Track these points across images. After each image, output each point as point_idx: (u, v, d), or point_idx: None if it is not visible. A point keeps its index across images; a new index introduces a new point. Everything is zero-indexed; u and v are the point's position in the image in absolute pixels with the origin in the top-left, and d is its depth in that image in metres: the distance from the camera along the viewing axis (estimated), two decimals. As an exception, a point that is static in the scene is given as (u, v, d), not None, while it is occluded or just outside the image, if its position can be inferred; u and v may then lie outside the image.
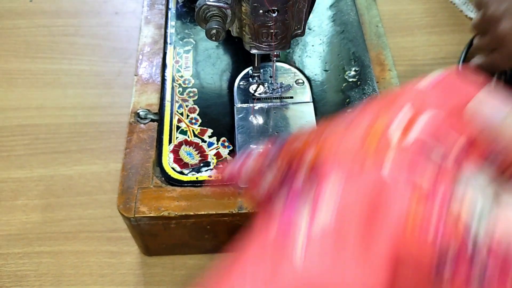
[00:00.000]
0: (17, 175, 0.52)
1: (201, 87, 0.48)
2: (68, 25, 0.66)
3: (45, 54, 0.63)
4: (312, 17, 0.54)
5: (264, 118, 0.46)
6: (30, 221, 0.49)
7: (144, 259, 0.47)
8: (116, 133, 0.55)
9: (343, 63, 0.50)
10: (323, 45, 0.52)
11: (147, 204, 0.40)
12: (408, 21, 0.66)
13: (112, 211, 0.49)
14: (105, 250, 0.47)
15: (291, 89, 0.48)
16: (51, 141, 0.55)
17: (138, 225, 0.40)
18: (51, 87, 0.60)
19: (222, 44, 0.52)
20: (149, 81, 0.48)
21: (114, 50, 0.63)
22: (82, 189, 0.51)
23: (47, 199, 0.50)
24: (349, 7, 0.55)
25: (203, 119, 0.45)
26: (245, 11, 0.37)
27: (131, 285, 0.45)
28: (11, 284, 0.45)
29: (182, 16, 0.54)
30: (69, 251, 0.47)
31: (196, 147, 0.43)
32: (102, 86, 0.60)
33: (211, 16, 0.36)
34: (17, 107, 0.58)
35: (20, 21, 0.67)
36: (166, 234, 0.42)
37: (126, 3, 0.69)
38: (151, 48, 0.50)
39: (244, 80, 0.49)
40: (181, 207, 0.40)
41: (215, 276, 0.22)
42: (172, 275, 0.46)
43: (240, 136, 0.44)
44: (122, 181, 0.41)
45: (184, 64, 0.50)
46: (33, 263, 0.46)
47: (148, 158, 0.42)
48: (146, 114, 0.45)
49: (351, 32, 0.53)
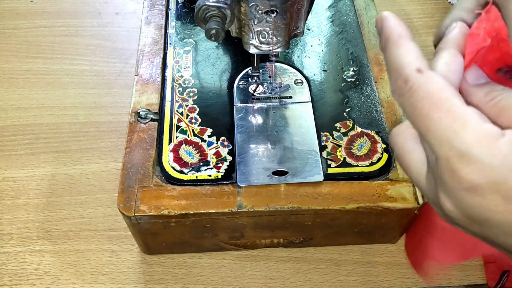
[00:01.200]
0: (18, 174, 0.52)
1: (201, 87, 0.48)
2: (69, 25, 0.67)
3: (46, 54, 0.63)
4: (311, 18, 0.55)
5: (263, 117, 0.46)
6: (31, 220, 0.49)
7: (144, 257, 0.47)
8: (116, 132, 0.56)
9: (341, 63, 0.51)
10: (321, 45, 0.52)
11: (147, 203, 0.40)
12: (406, 22, 0.65)
13: (112, 210, 0.50)
14: (106, 249, 0.48)
15: (290, 89, 0.48)
16: (52, 141, 0.55)
17: (138, 223, 0.41)
18: (52, 87, 0.60)
19: (222, 44, 0.52)
20: (149, 81, 0.48)
21: (115, 50, 0.64)
22: (82, 188, 0.51)
23: (48, 198, 0.51)
24: (347, 8, 0.56)
25: (202, 118, 0.46)
26: (244, 11, 0.37)
27: (132, 283, 0.46)
28: (12, 283, 0.46)
29: (182, 16, 0.55)
30: (70, 250, 0.48)
31: (195, 147, 0.44)
32: (103, 86, 0.60)
33: (211, 16, 0.36)
34: (18, 107, 0.58)
35: (21, 22, 0.67)
36: (166, 233, 0.43)
37: (126, 4, 0.69)
38: (151, 48, 0.51)
39: (243, 80, 0.49)
40: (181, 206, 0.40)
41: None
42: (172, 273, 0.46)
43: (239, 136, 0.44)
44: (123, 180, 0.41)
45: (184, 64, 0.50)
46: (34, 261, 0.47)
47: (148, 158, 0.43)
48: (146, 113, 0.45)
49: (350, 32, 0.53)
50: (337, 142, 0.44)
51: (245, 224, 0.42)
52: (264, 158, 0.43)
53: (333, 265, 0.47)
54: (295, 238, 0.46)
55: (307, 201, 0.40)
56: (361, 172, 0.42)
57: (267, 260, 0.47)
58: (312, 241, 0.46)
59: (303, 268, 0.47)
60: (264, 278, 0.46)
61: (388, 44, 0.24)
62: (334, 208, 0.40)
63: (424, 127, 0.22)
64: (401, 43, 0.24)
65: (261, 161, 0.43)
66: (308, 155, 0.43)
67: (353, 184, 0.42)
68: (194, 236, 0.44)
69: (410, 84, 0.23)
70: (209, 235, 0.44)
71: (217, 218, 0.41)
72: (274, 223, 0.43)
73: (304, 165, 0.42)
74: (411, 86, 0.23)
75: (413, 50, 0.24)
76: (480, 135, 0.21)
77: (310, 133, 0.45)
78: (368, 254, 0.47)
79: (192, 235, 0.43)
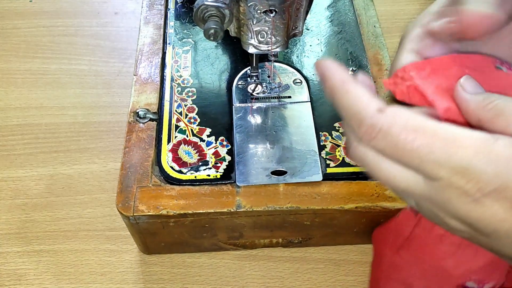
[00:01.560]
0: (17, 174, 0.52)
1: (200, 87, 0.48)
2: (68, 25, 0.66)
3: (45, 54, 0.63)
4: (310, 17, 0.55)
5: (262, 117, 0.46)
6: (30, 219, 0.49)
7: (143, 257, 0.47)
8: (115, 132, 0.55)
9: (340, 63, 0.50)
10: (321, 45, 0.52)
11: (146, 203, 0.40)
12: (406, 21, 0.66)
13: (111, 209, 0.50)
14: (105, 249, 0.48)
15: (289, 88, 0.48)
16: (51, 141, 0.55)
17: (137, 223, 0.41)
18: (51, 87, 0.60)
19: (221, 44, 0.52)
20: (148, 80, 0.48)
21: (114, 50, 0.64)
22: (81, 188, 0.51)
23: (46, 198, 0.51)
24: (346, 8, 0.56)
25: (201, 118, 0.46)
26: (243, 11, 0.37)
27: (130, 283, 0.46)
28: (10, 283, 0.46)
29: (181, 16, 0.55)
30: (68, 250, 0.48)
31: (194, 146, 0.44)
32: (102, 86, 0.60)
33: (209, 16, 0.36)
34: (17, 106, 0.58)
35: (20, 21, 0.67)
36: (165, 233, 0.43)
37: (125, 4, 0.69)
38: (150, 48, 0.51)
39: (242, 79, 0.49)
40: (180, 206, 0.40)
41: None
42: (171, 273, 0.46)
43: (238, 135, 0.44)
44: (121, 180, 0.41)
45: (183, 64, 0.50)
46: (33, 261, 0.47)
47: (147, 157, 0.43)
48: (145, 113, 0.45)
49: (349, 32, 0.53)
50: (336, 142, 0.44)
51: (244, 224, 0.42)
52: (263, 158, 0.43)
53: (332, 265, 0.47)
54: (294, 238, 0.46)
55: (306, 201, 0.40)
56: (360, 172, 0.42)
57: (266, 260, 0.47)
58: (311, 241, 0.46)
59: (302, 268, 0.47)
60: (263, 278, 0.46)
61: (335, 93, 0.24)
62: (333, 208, 0.40)
63: (415, 159, 0.22)
64: (347, 88, 0.23)
65: (260, 161, 0.43)
66: (307, 155, 0.43)
67: (352, 184, 0.42)
68: (193, 236, 0.44)
69: (379, 126, 0.22)
70: (208, 235, 0.44)
71: (216, 218, 0.41)
72: (273, 223, 0.42)
73: (303, 165, 0.42)
74: (381, 128, 0.22)
75: (364, 92, 0.23)
76: (475, 146, 0.21)
77: (309, 133, 0.45)
78: (367, 254, 0.47)
79: (191, 235, 0.43)
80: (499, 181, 0.20)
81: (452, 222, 0.23)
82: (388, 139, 0.22)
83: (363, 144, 0.23)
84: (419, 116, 0.22)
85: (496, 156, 0.20)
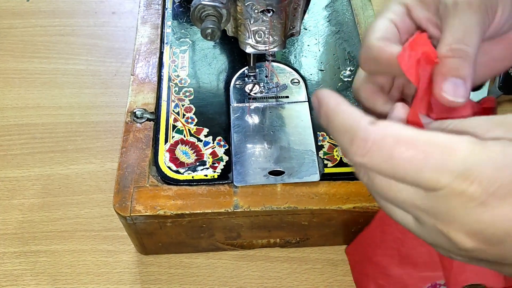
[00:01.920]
0: (13, 174, 0.52)
1: (197, 87, 0.48)
2: (65, 25, 0.66)
3: (42, 54, 0.63)
4: (308, 17, 0.55)
5: (260, 117, 0.46)
6: (27, 220, 0.49)
7: (141, 257, 0.47)
8: (112, 132, 0.55)
9: (338, 62, 0.50)
10: (318, 45, 0.52)
11: (143, 203, 0.40)
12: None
13: (108, 210, 0.50)
14: (102, 249, 0.48)
15: (286, 88, 0.48)
16: (48, 141, 0.55)
17: (134, 224, 0.41)
18: (48, 87, 0.60)
19: (218, 44, 0.52)
20: (145, 80, 0.48)
21: (111, 50, 0.64)
22: (78, 188, 0.51)
23: (43, 198, 0.51)
24: (344, 7, 0.56)
25: (199, 118, 0.45)
26: (241, 10, 0.37)
27: (128, 283, 0.46)
28: (7, 284, 0.45)
29: (178, 16, 0.54)
30: (65, 250, 0.47)
31: (192, 146, 0.43)
32: (99, 86, 0.60)
33: (206, 15, 0.36)
34: (14, 106, 0.58)
35: (17, 21, 0.67)
36: (162, 233, 0.42)
37: (122, 3, 0.69)
38: (148, 48, 0.51)
39: (240, 79, 0.49)
40: (177, 206, 0.40)
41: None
42: (168, 273, 0.46)
43: (236, 135, 0.44)
44: (118, 180, 0.41)
45: (180, 63, 0.50)
46: (30, 262, 0.47)
47: (144, 157, 0.43)
48: (142, 113, 0.45)
49: (347, 32, 0.53)
50: (334, 142, 0.44)
51: (241, 224, 0.42)
52: (261, 158, 0.43)
53: (329, 265, 0.47)
54: (292, 238, 0.46)
55: (304, 201, 0.40)
56: (358, 172, 0.42)
57: (264, 260, 0.47)
58: (308, 241, 0.46)
59: (299, 268, 0.47)
60: (261, 278, 0.46)
61: (329, 115, 0.24)
62: (331, 208, 0.40)
63: (412, 170, 0.21)
64: (341, 108, 0.24)
65: (258, 161, 0.42)
66: (305, 155, 0.43)
67: (350, 184, 0.42)
68: (190, 236, 0.44)
69: (372, 140, 0.22)
70: (206, 235, 0.44)
71: (213, 218, 0.41)
72: (270, 223, 0.42)
73: (301, 165, 0.42)
74: (374, 141, 0.22)
75: (357, 111, 0.23)
76: (468, 147, 0.21)
77: (307, 133, 0.45)
78: (365, 254, 0.47)
79: (188, 235, 0.43)
80: (502, 177, 0.20)
81: (459, 237, 0.22)
82: (384, 152, 0.22)
83: (355, 161, 0.23)
84: (410, 128, 0.22)
85: (491, 152, 0.20)
